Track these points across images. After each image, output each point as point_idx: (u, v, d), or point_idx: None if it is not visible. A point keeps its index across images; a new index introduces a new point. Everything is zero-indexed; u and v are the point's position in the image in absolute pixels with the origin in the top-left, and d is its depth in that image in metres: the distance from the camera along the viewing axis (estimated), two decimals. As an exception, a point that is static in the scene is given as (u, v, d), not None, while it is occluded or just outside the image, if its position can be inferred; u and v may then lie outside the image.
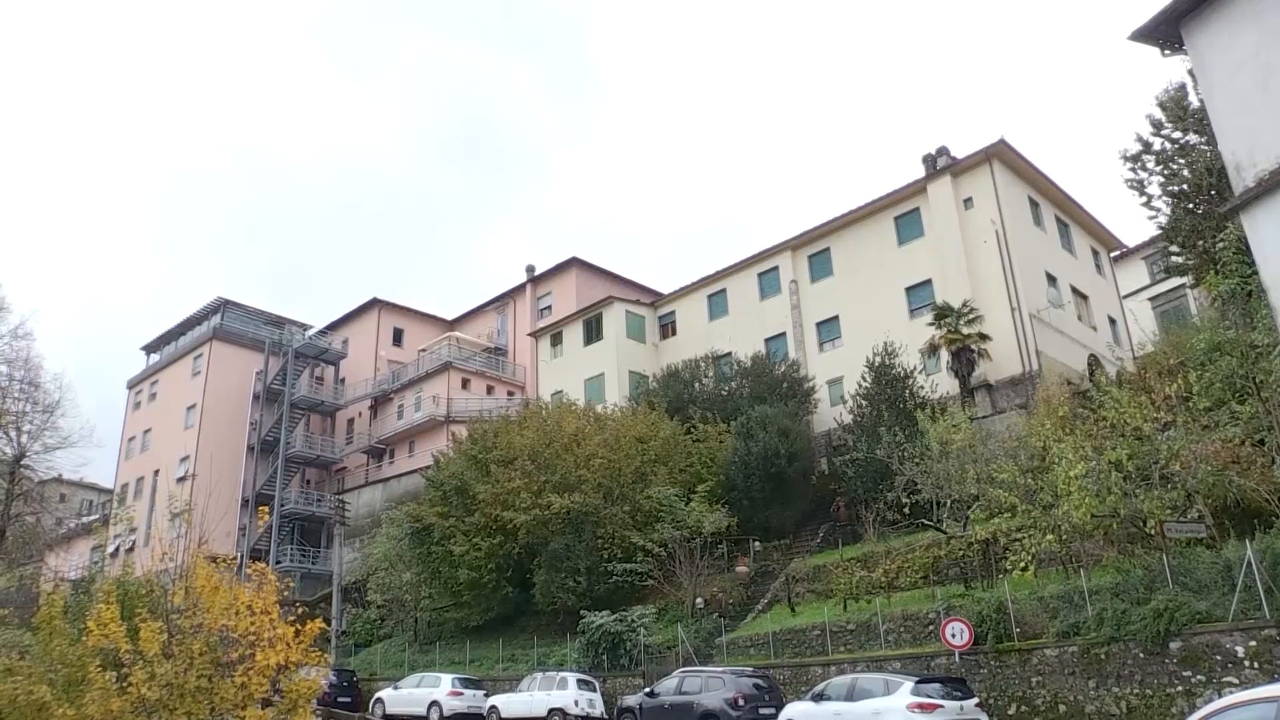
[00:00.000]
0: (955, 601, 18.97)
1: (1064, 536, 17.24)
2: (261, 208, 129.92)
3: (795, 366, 34.47)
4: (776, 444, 28.30)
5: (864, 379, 28.75)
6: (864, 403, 28.16)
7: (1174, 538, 15.80)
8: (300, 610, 13.70)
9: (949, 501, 21.19)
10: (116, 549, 45.47)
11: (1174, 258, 27.03)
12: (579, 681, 22.13)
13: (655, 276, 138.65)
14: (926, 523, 22.15)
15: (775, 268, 38.08)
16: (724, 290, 39.93)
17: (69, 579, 32.90)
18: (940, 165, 34.07)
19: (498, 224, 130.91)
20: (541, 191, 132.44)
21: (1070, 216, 35.98)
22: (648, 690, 19.72)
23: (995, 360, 29.64)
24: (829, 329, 35.54)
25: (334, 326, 57.05)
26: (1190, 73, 22.53)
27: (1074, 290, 34.21)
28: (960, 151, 34.32)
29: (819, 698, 16.35)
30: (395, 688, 26.37)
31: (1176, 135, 25.81)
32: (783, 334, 36.79)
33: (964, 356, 29.14)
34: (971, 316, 29.45)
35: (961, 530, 21.09)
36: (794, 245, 37.70)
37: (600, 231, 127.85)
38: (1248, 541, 14.36)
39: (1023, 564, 17.09)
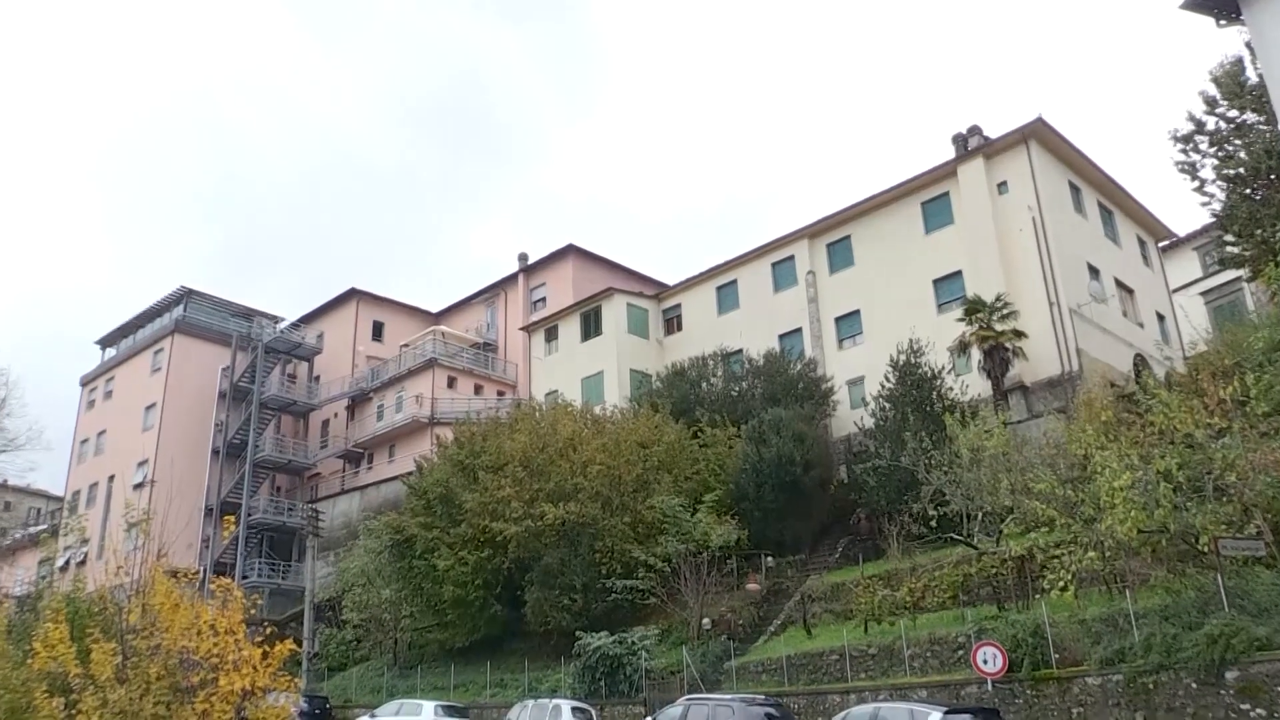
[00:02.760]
0: (987, 624, 18.92)
1: (1107, 553, 17.18)
2: (223, 186, 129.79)
3: (812, 365, 34.53)
4: (791, 450, 28.25)
5: (887, 379, 28.65)
6: (887, 405, 28.04)
7: (1230, 556, 15.70)
8: (268, 630, 13.65)
9: (980, 514, 21.18)
10: (67, 562, 45.66)
11: (1229, 248, 26.96)
12: (574, 709, 22.12)
13: (660, 267, 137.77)
14: (956, 537, 22.13)
15: (790, 257, 38.02)
16: (734, 282, 39.91)
17: (13, 595, 32.76)
18: (972, 146, 34.04)
19: (487, 208, 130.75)
20: (536, 173, 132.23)
21: (1114, 202, 35.93)
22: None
23: (1031, 360, 29.49)
24: (849, 324, 35.46)
25: (308, 319, 56.96)
26: (1248, 45, 22.44)
27: (1118, 283, 34.24)
28: (994, 131, 34.43)
29: (838, 729, 16.58)
30: (373, 716, 26.34)
31: (1232, 114, 25.74)
32: (798, 330, 36.75)
33: (997, 355, 29.12)
34: (1006, 311, 29.39)
35: (994, 546, 21.03)
36: (811, 233, 37.63)
37: (600, 218, 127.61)
38: (1312, 560, 14.59)
39: (1062, 583, 17.02)
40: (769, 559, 27.91)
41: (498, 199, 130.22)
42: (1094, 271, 32.75)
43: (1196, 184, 26.29)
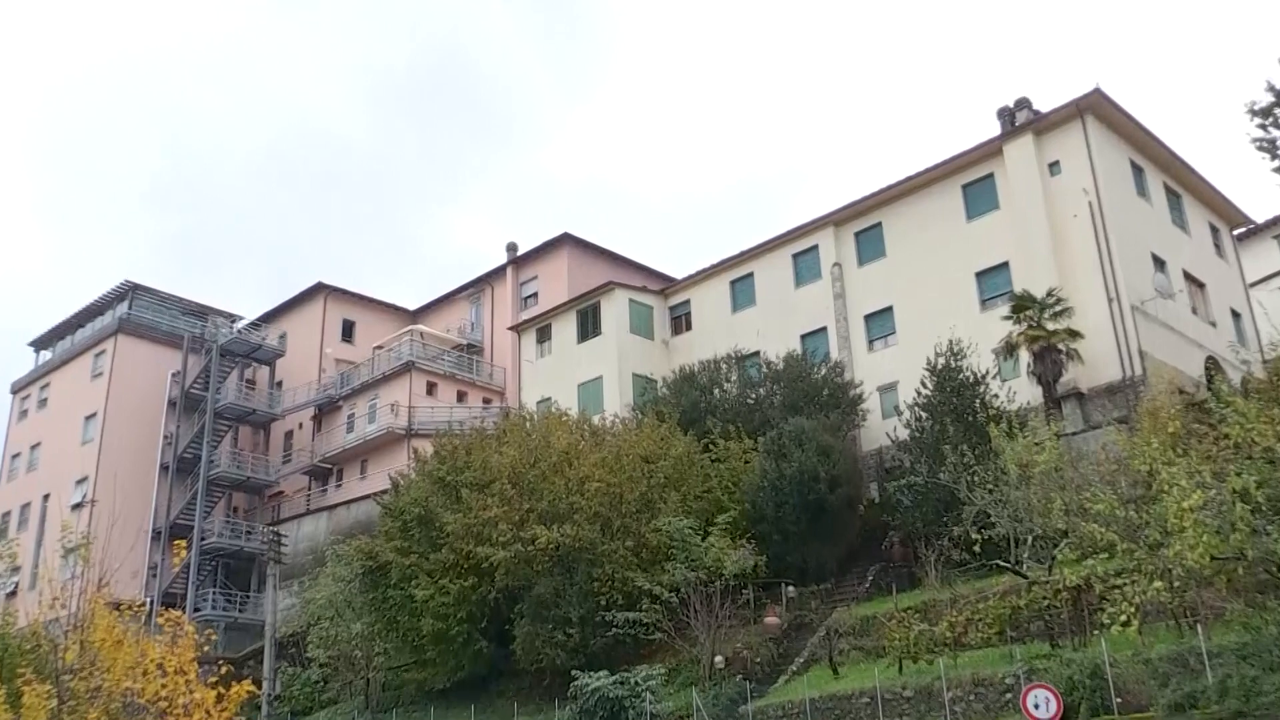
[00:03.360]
0: (1039, 663, 18.76)
1: (1176, 584, 16.91)
2: (174, 169, 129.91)
3: (838, 369, 34.58)
4: (815, 465, 28.06)
5: (924, 385, 28.71)
6: (924, 415, 28.16)
7: (1316, 586, 15.84)
8: (224, 670, 13.60)
9: (1030, 538, 20.95)
10: (-5, 593, 47.61)
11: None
12: (569, 759, 22.43)
13: (666, 259, 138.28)
14: (1002, 564, 21.92)
15: (814, 247, 38.25)
16: (750, 275, 40.18)
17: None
18: (1020, 121, 34.12)
19: (472, 193, 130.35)
20: (527, 153, 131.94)
21: (1183, 185, 35.92)
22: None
23: (1088, 363, 29.61)
24: (880, 323, 35.67)
25: (269, 318, 57.06)
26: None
27: (1187, 276, 34.25)
28: (1044, 104, 34.56)
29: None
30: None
31: (1319, 83, 25.98)
32: (823, 329, 37.03)
33: (1049, 358, 29.14)
34: (1058, 308, 29.55)
35: (1046, 574, 20.94)
36: (837, 219, 37.79)
37: (599, 203, 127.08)
38: None
39: (1124, 617, 16.70)
40: (790, 589, 27.81)
41: (484, 183, 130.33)
42: (1159, 263, 32.86)
43: (1278, 163, 26.36)
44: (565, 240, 49.29)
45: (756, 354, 37.11)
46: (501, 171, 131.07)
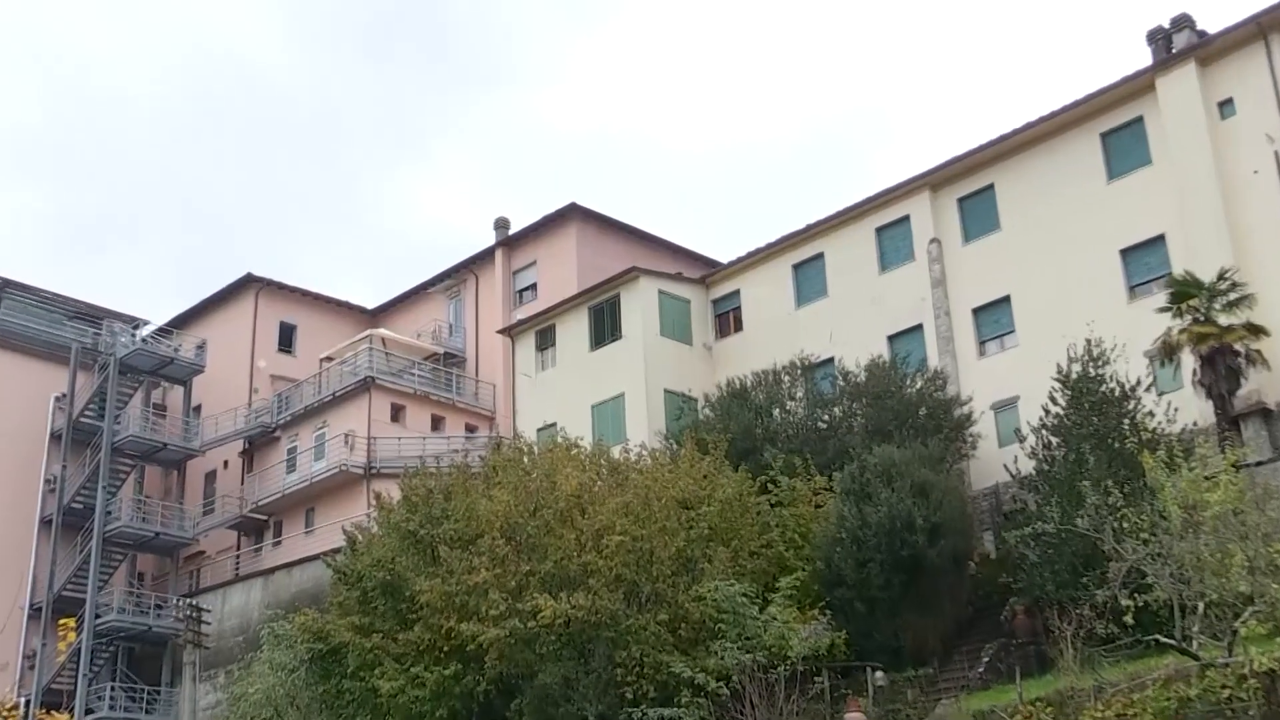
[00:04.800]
0: (1216, 775, 19.01)
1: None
2: (58, 128, 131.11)
3: (939, 381, 34.65)
4: (909, 509, 27.77)
5: (1053, 401, 28.65)
6: (1054, 440, 28.13)
7: None
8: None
9: (1202, 605, 20.59)
10: None
11: None
12: None
13: (707, 236, 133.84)
14: (1164, 640, 21.42)
15: (904, 218, 38.52)
16: (820, 257, 40.41)
17: None
18: (1179, 47, 34.01)
19: (447, 152, 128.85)
20: (517, 97, 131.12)
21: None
22: None
23: (1276, 370, 29.20)
24: (994, 318, 35.88)
25: (183, 322, 57.40)
26: None
27: None
28: (1212, 23, 34.24)
29: None
30: None
31: None
32: (917, 327, 37.23)
33: (1221, 362, 28.75)
34: (1234, 296, 29.23)
35: (1225, 654, 20.63)
36: (935, 182, 38.05)
37: (615, 163, 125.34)
38: None
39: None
40: (879, 675, 27.46)
41: (462, 138, 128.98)
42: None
43: None
44: (573, 213, 49.23)
45: (829, 362, 37.01)
46: (485, 122, 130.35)
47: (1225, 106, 32.54)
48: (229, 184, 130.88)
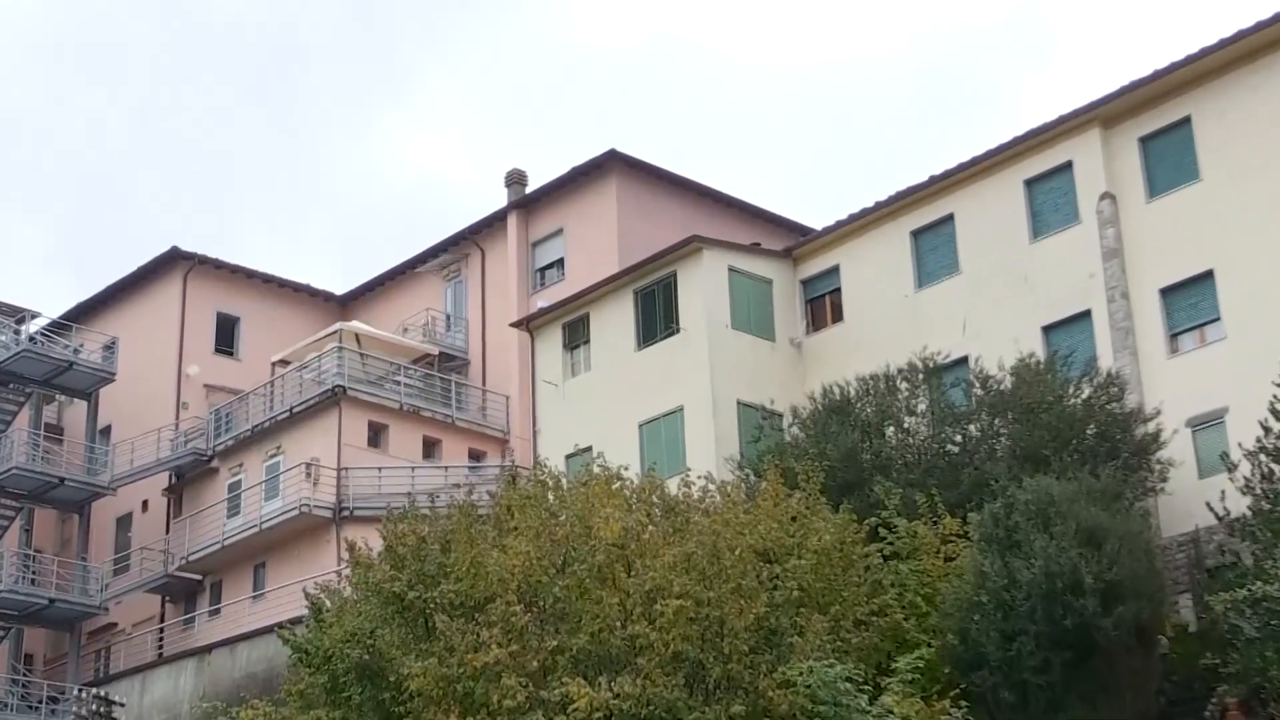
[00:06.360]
0: None
1: None
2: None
3: (1114, 387, 33.51)
4: (1075, 564, 26.99)
5: (1277, 416, 27.91)
6: (1277, 470, 27.34)
7: None
8: None
9: None
10: None
11: None
12: None
13: (794, 194, 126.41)
14: None
15: (1065, 166, 37.01)
16: (949, 219, 38.96)
17: None
18: None
19: (440, 87, 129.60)
20: (538, 9, 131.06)
21: None
22: None
23: None
24: (1191, 302, 34.85)
25: (86, 313, 56.20)
26: None
27: None
28: None
29: None
30: None
31: None
32: (1083, 315, 36.26)
33: None
34: None
35: None
36: (1107, 116, 36.29)
37: (664, 96, 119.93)
38: None
39: None
40: (1036, 789, 25.46)
41: (461, 68, 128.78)
42: None
43: None
44: (612, 164, 47.63)
45: (962, 362, 36.10)
46: (490, 42, 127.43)
47: None
48: (148, 134, 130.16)
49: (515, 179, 50.56)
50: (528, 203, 50.20)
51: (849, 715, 25.37)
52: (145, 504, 51.74)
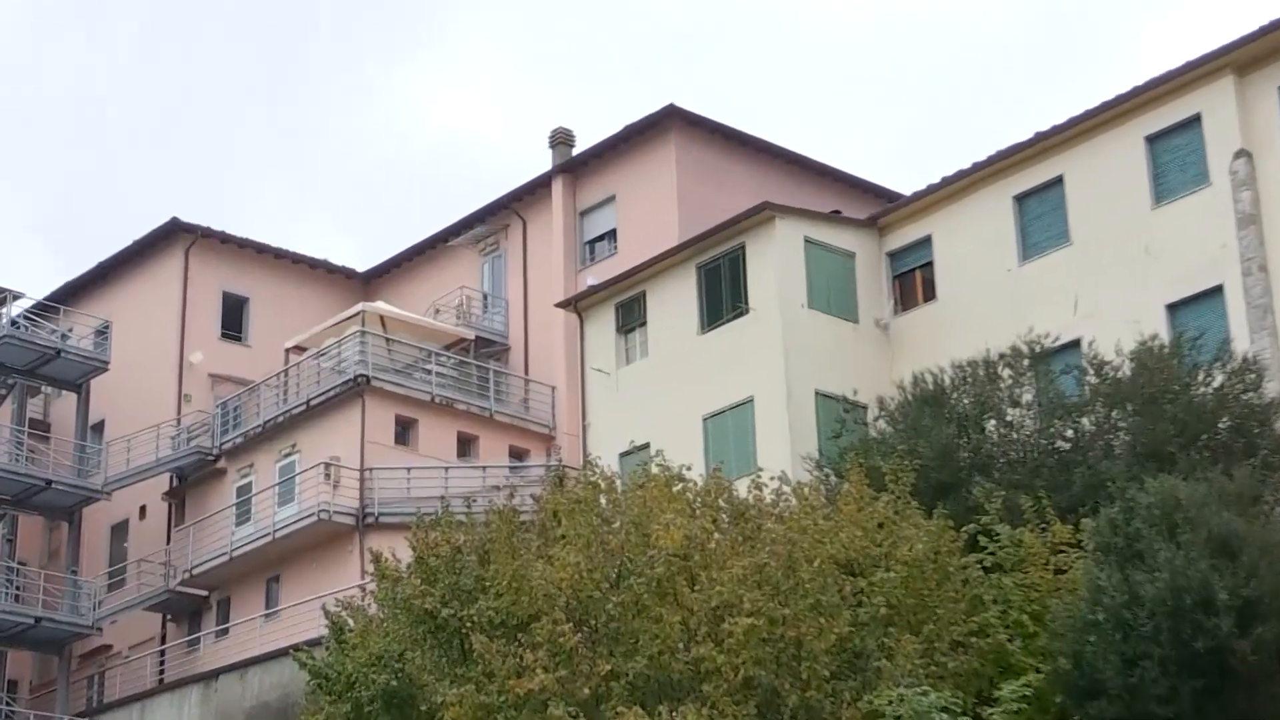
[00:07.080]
0: None
1: None
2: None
3: (1251, 374, 33.35)
4: (1206, 578, 27.16)
5: None
6: None
7: None
8: None
9: None
10: None
11: None
12: None
13: (878, 155, 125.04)
14: None
15: (1193, 120, 36.92)
16: (1057, 183, 39.07)
17: None
18: None
19: (472, 34, 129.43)
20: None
21: None
22: None
23: None
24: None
25: (76, 294, 56.37)
26: None
27: None
28: None
29: None
30: None
31: None
32: (1215, 290, 36.39)
33: None
34: None
35: None
36: (1242, 61, 36.05)
37: (736, 44, 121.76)
38: None
39: None
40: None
41: (496, 13, 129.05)
42: None
43: None
44: (671, 122, 47.16)
45: (1073, 345, 35.87)
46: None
47: None
48: (140, 89, 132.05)
49: (561, 139, 49.89)
50: (575, 166, 49.60)
51: (946, 754, 25.27)
52: (143, 510, 51.74)
